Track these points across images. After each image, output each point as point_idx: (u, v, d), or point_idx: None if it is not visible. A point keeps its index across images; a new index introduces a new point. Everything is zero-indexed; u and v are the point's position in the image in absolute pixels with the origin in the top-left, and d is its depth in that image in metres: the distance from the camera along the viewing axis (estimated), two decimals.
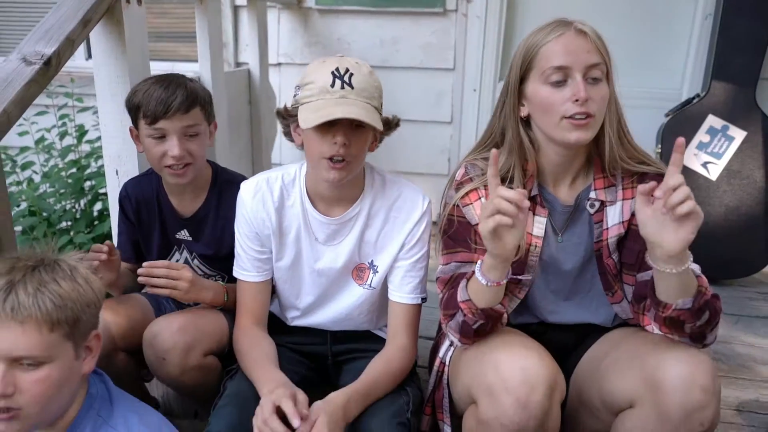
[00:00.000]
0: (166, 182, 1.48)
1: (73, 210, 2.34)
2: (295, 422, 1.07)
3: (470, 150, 1.32)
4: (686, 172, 2.27)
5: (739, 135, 2.21)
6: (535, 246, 1.22)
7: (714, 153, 2.24)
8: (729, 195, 2.23)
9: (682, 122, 2.27)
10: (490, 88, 2.67)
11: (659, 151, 2.30)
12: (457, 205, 1.21)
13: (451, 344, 1.26)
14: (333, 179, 1.20)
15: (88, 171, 2.36)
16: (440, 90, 2.70)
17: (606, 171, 1.22)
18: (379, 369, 1.28)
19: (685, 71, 2.51)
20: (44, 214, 2.28)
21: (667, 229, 0.99)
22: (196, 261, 1.53)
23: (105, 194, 2.19)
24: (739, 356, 1.85)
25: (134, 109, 1.37)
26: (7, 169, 2.33)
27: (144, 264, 1.33)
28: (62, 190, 2.32)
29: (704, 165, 2.25)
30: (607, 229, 1.22)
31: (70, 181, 2.30)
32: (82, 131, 2.34)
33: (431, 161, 2.75)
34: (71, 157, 2.36)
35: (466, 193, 1.21)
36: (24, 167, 2.40)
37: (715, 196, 2.24)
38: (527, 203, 1.00)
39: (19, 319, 0.93)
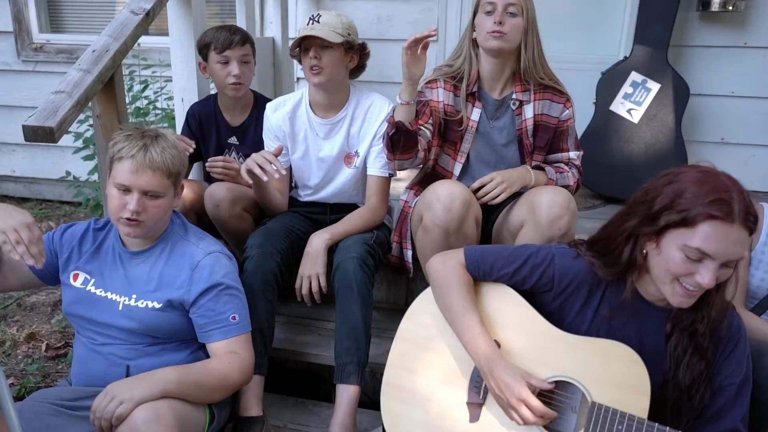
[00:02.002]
0: (223, 100, 2.15)
1: None
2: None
3: (444, 61, 1.98)
4: (615, 117, 2.88)
5: (655, 87, 2.83)
6: (472, 126, 1.87)
7: (636, 101, 2.85)
8: (647, 134, 2.85)
9: (612, 78, 2.89)
10: None
11: (595, 101, 2.93)
12: (421, 89, 1.86)
13: (415, 194, 1.91)
14: (315, 83, 1.88)
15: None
16: (427, 58, 3.34)
17: (523, 81, 1.87)
18: (355, 217, 1.96)
19: (621, 39, 3.12)
20: None
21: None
22: (241, 158, 2.19)
23: None
24: None
25: (205, 46, 2.05)
26: None
27: (209, 159, 2.01)
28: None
29: (629, 111, 2.86)
30: (525, 120, 1.89)
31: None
32: (146, 84, 3.02)
33: None
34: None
35: (429, 82, 1.87)
36: None
37: (637, 135, 2.86)
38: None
39: (152, 168, 1.50)
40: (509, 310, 1.40)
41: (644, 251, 1.26)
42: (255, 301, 1.75)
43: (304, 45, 1.85)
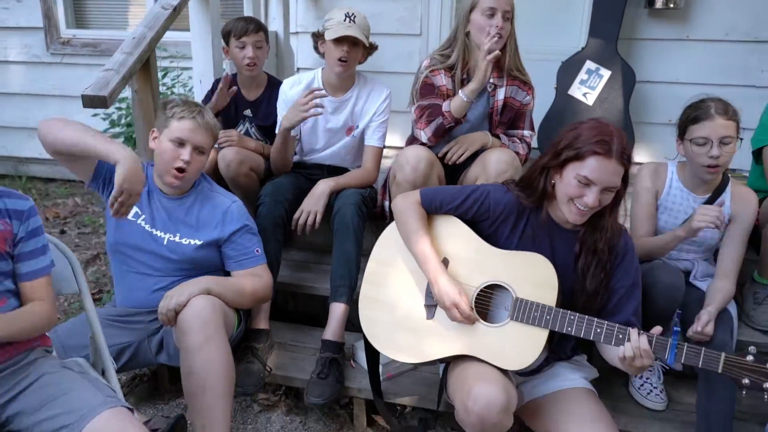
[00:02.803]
0: (241, 79, 2.62)
1: None
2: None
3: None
4: (573, 100, 3.33)
5: (606, 73, 3.27)
6: None
7: (590, 86, 3.30)
8: (600, 114, 3.29)
9: (570, 66, 3.34)
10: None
11: (556, 87, 3.37)
12: (426, 75, 2.27)
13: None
14: (337, 71, 2.32)
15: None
16: (411, 50, 3.79)
17: (500, 71, 2.30)
18: (354, 174, 2.41)
19: (581, 33, 3.56)
20: None
21: None
22: (253, 129, 2.64)
23: None
24: None
25: (227, 33, 2.52)
26: None
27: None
28: None
29: (584, 95, 3.31)
30: (497, 100, 2.33)
31: None
32: (165, 72, 3.47)
33: (404, 100, 3.84)
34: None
35: (432, 70, 2.28)
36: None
37: (591, 115, 3.29)
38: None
39: (206, 128, 1.91)
40: (456, 234, 1.82)
41: (552, 182, 1.65)
42: (267, 240, 2.18)
43: (338, 38, 2.26)
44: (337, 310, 2.18)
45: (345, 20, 2.27)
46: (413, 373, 2.20)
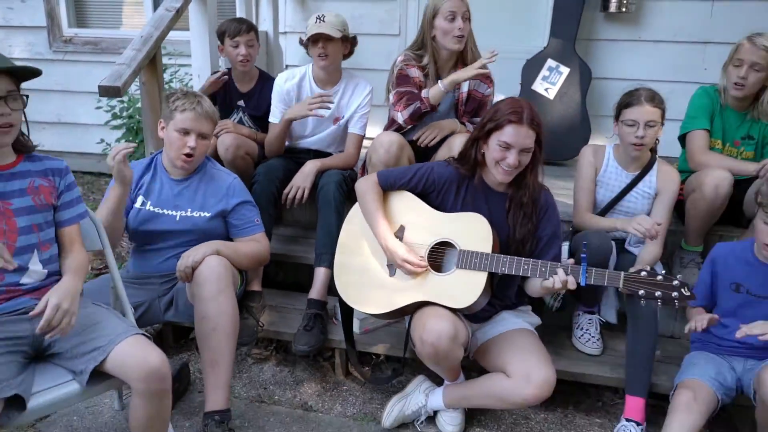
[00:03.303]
0: (235, 73, 2.94)
1: None
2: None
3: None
4: (536, 94, 3.68)
5: (565, 70, 3.63)
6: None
7: (551, 82, 3.65)
8: (560, 107, 3.64)
9: (533, 64, 3.68)
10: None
11: (521, 83, 3.72)
12: (401, 68, 2.60)
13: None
14: (321, 65, 2.66)
15: None
16: (390, 49, 4.11)
17: (464, 65, 2.60)
18: (338, 157, 2.75)
19: (543, 34, 3.90)
20: None
21: None
22: (246, 117, 2.96)
23: None
24: None
25: (221, 33, 2.84)
26: None
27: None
28: None
29: (546, 90, 3.66)
30: (462, 92, 2.68)
31: None
32: (165, 68, 3.77)
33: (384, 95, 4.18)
34: None
35: (406, 63, 2.60)
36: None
37: (553, 109, 3.65)
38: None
39: (206, 117, 2.20)
40: (410, 206, 2.15)
41: (482, 151, 2.01)
42: (261, 213, 2.49)
43: (313, 38, 2.61)
44: (321, 274, 2.51)
45: (316, 22, 2.62)
46: (387, 328, 2.53)
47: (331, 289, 2.51)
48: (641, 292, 1.80)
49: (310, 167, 2.68)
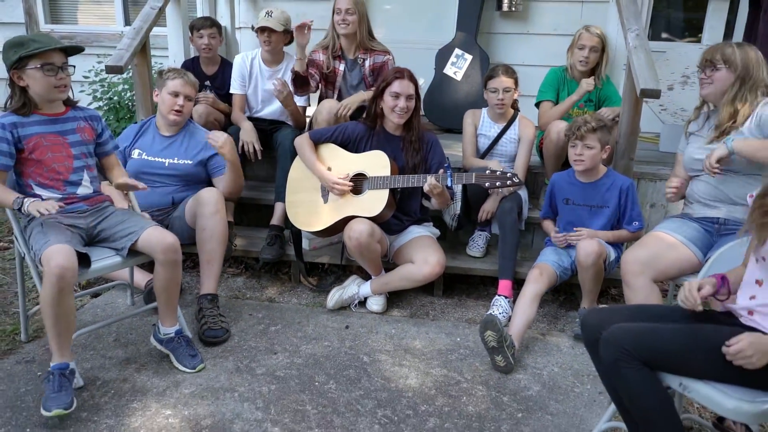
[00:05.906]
0: (201, 59, 3.74)
1: None
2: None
3: (317, 44, 3.60)
4: (446, 77, 4.60)
5: (469, 58, 4.56)
6: (339, 74, 3.51)
7: (458, 67, 4.58)
8: (465, 86, 4.58)
9: (444, 52, 4.60)
10: None
11: (435, 68, 4.64)
12: (309, 55, 3.47)
13: None
14: (267, 49, 3.50)
15: None
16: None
17: (362, 48, 3.52)
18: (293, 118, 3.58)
19: (451, 28, 4.81)
20: None
21: None
22: (212, 94, 3.76)
23: None
24: None
25: (191, 27, 3.64)
26: None
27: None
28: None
29: (454, 73, 4.59)
30: (365, 68, 3.57)
31: None
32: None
33: None
34: None
35: (313, 51, 3.50)
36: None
37: (460, 88, 4.58)
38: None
39: (190, 84, 3.01)
40: (335, 154, 3.05)
41: (380, 106, 2.94)
42: None
43: (260, 29, 3.43)
44: (279, 207, 3.35)
45: (265, 16, 3.45)
46: (330, 247, 3.39)
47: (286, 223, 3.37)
48: (487, 184, 2.75)
49: (247, 125, 3.53)
